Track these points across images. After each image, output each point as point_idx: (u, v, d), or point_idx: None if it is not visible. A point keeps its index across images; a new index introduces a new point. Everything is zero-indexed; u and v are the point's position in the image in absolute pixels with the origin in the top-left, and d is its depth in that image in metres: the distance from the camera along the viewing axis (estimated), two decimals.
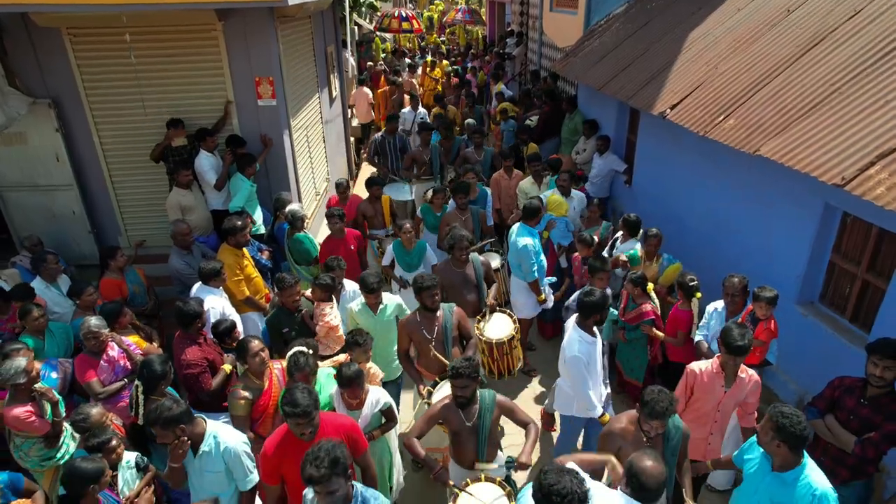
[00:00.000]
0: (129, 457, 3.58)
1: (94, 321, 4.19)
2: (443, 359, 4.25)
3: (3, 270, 5.53)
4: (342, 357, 4.40)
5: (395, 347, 4.71)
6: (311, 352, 3.86)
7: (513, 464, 3.42)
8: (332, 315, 4.77)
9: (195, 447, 3.25)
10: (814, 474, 2.86)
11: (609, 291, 4.99)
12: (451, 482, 3.38)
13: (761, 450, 3.04)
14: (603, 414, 4.16)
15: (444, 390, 4.16)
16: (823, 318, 4.79)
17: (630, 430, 3.27)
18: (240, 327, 4.83)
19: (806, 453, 2.92)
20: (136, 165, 6.46)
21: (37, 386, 3.78)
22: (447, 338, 4.35)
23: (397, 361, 4.76)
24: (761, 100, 4.97)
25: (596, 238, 5.96)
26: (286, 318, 4.70)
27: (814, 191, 4.57)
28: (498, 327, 4.78)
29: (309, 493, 2.88)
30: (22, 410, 3.69)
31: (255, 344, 3.88)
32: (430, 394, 4.19)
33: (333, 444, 2.71)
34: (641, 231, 5.74)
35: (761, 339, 4.23)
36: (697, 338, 4.64)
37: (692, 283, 4.77)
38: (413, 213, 7.64)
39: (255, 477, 3.38)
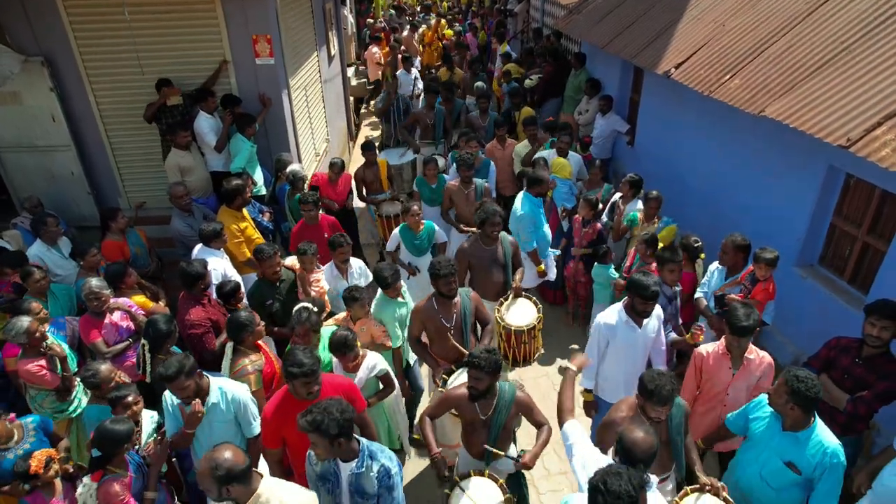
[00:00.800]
0: (153, 414, 3.68)
1: (94, 282, 4.21)
2: (461, 347, 4.09)
3: (5, 231, 5.53)
4: (342, 315, 4.44)
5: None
6: (315, 309, 3.89)
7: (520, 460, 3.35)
8: (323, 281, 4.82)
9: (202, 402, 3.31)
10: (824, 432, 2.98)
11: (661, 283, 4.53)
12: (447, 473, 3.35)
13: (770, 410, 3.09)
14: (587, 391, 4.04)
15: (461, 378, 3.93)
16: (822, 279, 4.82)
17: (628, 417, 3.12)
18: (242, 289, 4.85)
19: (815, 413, 3.00)
20: (134, 125, 6.35)
21: (47, 342, 3.92)
22: (465, 325, 4.18)
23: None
24: (768, 59, 4.88)
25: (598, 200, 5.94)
26: (268, 289, 4.64)
27: (817, 152, 4.53)
28: (520, 314, 4.47)
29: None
30: (33, 364, 3.89)
31: (256, 316, 3.87)
32: (444, 382, 4.03)
33: (329, 410, 2.68)
34: (642, 192, 5.73)
35: (757, 299, 4.26)
36: (697, 294, 4.68)
37: (696, 245, 4.77)
38: (412, 177, 7.51)
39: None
